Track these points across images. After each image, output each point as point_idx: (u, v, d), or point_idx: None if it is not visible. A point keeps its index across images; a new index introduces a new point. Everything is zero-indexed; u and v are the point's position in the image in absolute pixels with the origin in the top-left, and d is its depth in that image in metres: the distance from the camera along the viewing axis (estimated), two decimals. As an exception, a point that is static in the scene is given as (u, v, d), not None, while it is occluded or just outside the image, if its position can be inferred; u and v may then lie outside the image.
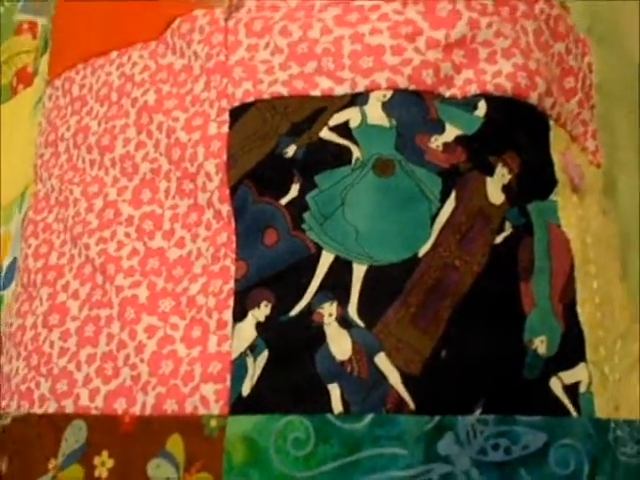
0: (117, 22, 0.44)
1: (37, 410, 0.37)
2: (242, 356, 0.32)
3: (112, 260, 0.37)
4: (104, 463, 0.34)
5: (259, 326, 0.32)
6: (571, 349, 0.32)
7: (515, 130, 0.35)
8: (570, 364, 0.32)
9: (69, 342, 0.38)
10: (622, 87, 0.44)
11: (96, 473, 0.34)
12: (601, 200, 0.41)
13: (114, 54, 0.43)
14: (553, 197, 0.35)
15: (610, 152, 0.42)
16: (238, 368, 0.31)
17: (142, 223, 0.38)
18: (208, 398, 0.32)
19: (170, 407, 0.32)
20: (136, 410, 0.34)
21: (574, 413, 0.31)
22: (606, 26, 0.44)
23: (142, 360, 0.34)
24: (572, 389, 0.31)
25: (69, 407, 0.36)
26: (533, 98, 0.35)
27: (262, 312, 0.32)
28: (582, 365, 0.32)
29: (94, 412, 0.35)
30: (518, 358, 0.31)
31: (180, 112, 0.39)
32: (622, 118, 0.44)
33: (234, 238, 0.34)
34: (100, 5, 0.45)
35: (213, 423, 0.31)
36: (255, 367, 0.31)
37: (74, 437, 0.35)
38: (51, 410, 0.36)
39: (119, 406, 0.34)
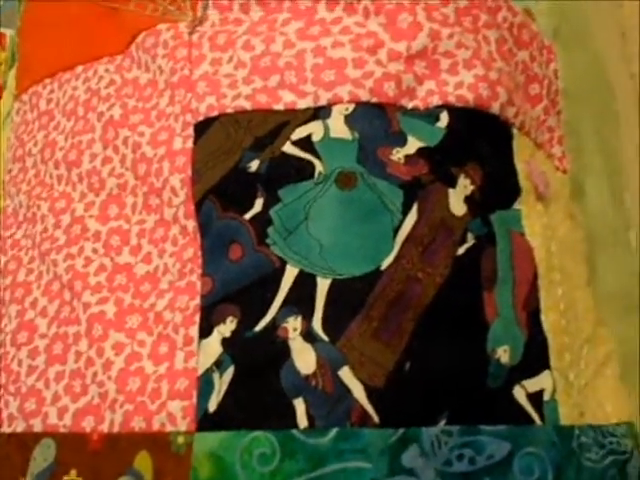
0: (83, 35, 0.44)
1: (5, 429, 0.37)
2: (208, 372, 0.32)
3: (79, 276, 0.37)
4: None
5: (225, 342, 0.32)
6: (535, 357, 0.33)
7: (477, 140, 0.35)
8: (534, 372, 0.32)
9: (37, 360, 0.37)
10: (589, 90, 0.44)
11: None
12: (568, 205, 0.41)
13: (80, 68, 0.43)
14: (517, 206, 0.36)
15: (577, 157, 0.43)
16: (204, 384, 0.31)
17: (109, 239, 0.38)
18: (175, 415, 0.32)
19: (138, 424, 0.32)
20: (104, 428, 0.33)
21: (538, 421, 0.31)
22: (573, 27, 0.44)
23: (109, 377, 0.34)
24: (536, 397, 0.32)
25: (37, 426, 0.36)
26: (495, 108, 0.35)
27: (228, 327, 0.32)
28: (546, 373, 0.32)
29: (62, 430, 0.35)
30: (481, 368, 0.31)
31: (146, 127, 0.39)
32: (588, 122, 0.44)
33: (200, 253, 0.34)
34: (65, 18, 0.45)
35: (180, 440, 0.31)
36: (221, 383, 0.31)
37: (42, 456, 0.35)
38: (19, 429, 0.36)
39: (87, 424, 0.34)
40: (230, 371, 0.31)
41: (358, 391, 0.30)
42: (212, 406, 0.31)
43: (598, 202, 0.44)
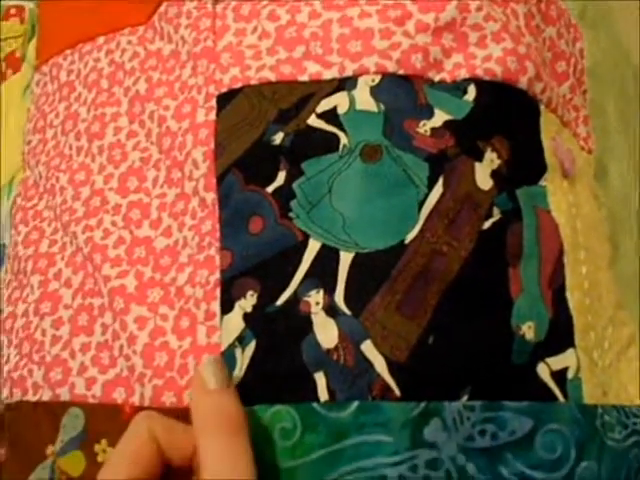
0: (104, 6, 0.44)
1: (30, 398, 0.37)
2: (231, 348, 0.32)
3: (98, 249, 0.37)
4: (105, 451, 0.34)
5: (246, 317, 0.32)
6: (560, 335, 0.32)
7: (505, 115, 0.35)
8: (558, 350, 0.32)
9: (62, 330, 0.37)
10: (613, 72, 0.44)
11: (99, 459, 0.34)
12: (592, 185, 0.41)
13: (101, 39, 0.43)
14: (543, 182, 0.35)
15: (601, 137, 0.42)
16: (228, 360, 0.31)
17: (129, 212, 0.38)
18: None
19: (168, 399, 0.32)
20: (135, 400, 0.34)
21: (561, 399, 0.31)
22: (598, 10, 0.44)
23: (135, 352, 0.34)
24: (560, 375, 0.31)
25: (64, 395, 0.36)
26: (523, 82, 0.35)
27: (249, 302, 0.32)
28: (571, 351, 0.32)
29: (92, 401, 0.35)
30: (505, 344, 0.31)
31: (170, 100, 0.38)
32: (612, 103, 0.43)
33: (218, 226, 0.34)
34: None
35: None
36: (243, 358, 0.31)
37: (71, 424, 0.35)
38: (45, 398, 0.36)
39: (118, 395, 0.34)
40: (252, 346, 0.31)
41: (380, 365, 0.29)
42: (235, 382, 0.31)
43: (620, 184, 0.44)
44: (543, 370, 0.31)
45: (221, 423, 0.28)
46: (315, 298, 0.31)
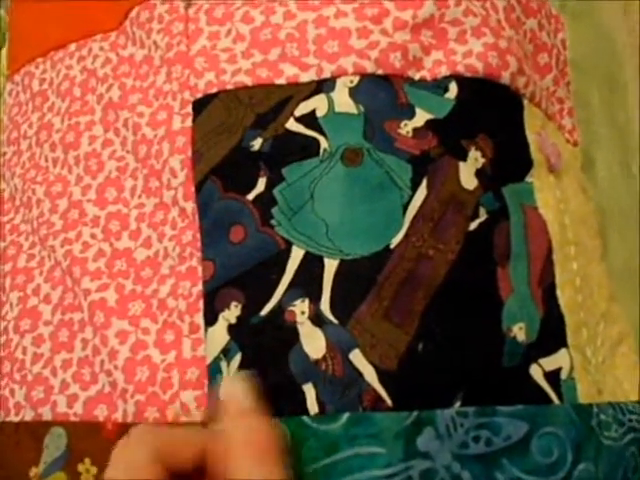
0: (75, 11, 0.43)
1: (13, 418, 0.36)
2: (216, 361, 0.31)
3: (78, 262, 0.36)
4: (88, 470, 0.33)
5: (231, 328, 0.31)
6: (551, 334, 0.32)
7: (488, 112, 0.34)
8: (550, 350, 0.31)
9: (43, 347, 0.37)
10: (596, 62, 0.43)
11: (82, 479, 0.33)
12: (580, 178, 0.40)
13: (73, 46, 0.42)
14: (529, 179, 0.34)
15: (586, 129, 0.42)
16: (213, 373, 0.31)
17: (108, 223, 0.37)
18: (188, 405, 0.31)
19: (151, 415, 0.32)
20: (118, 417, 0.33)
21: (556, 400, 0.30)
22: (579, 1, 0.43)
23: (116, 367, 0.33)
24: (553, 376, 0.31)
25: (47, 414, 0.35)
26: (505, 78, 0.34)
27: (233, 313, 0.31)
28: (563, 351, 0.31)
29: (73, 419, 0.34)
30: (497, 347, 0.30)
31: (144, 107, 0.37)
32: (596, 93, 0.43)
33: (199, 236, 0.33)
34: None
35: None
36: (229, 371, 0.30)
37: (54, 444, 0.34)
38: (28, 418, 0.36)
39: (100, 413, 0.34)
40: (237, 358, 0.30)
41: (370, 374, 0.29)
42: (222, 395, 0.30)
43: (607, 175, 0.43)
44: (536, 372, 0.30)
45: (261, 452, 0.26)
46: (300, 307, 0.30)
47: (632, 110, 0.45)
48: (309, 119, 0.33)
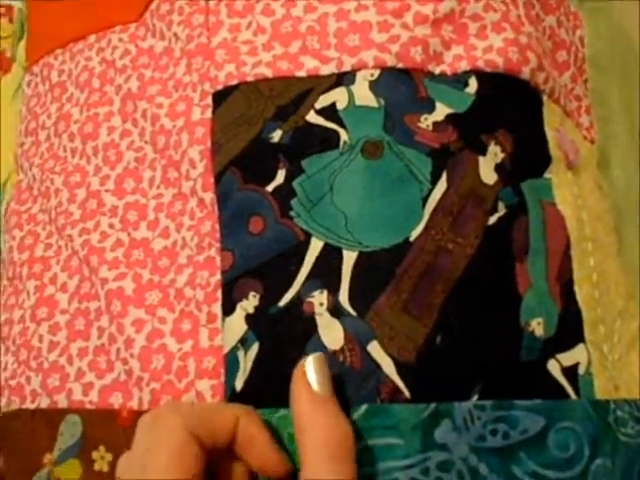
0: (94, 4, 0.43)
1: (29, 405, 0.37)
2: (233, 350, 0.31)
3: (95, 252, 0.36)
4: (103, 457, 0.33)
5: (249, 318, 0.31)
6: (569, 330, 0.32)
7: (507, 107, 0.34)
8: (568, 345, 0.31)
9: (59, 336, 0.37)
10: (614, 59, 0.43)
11: (96, 467, 0.33)
12: (596, 176, 0.40)
13: (92, 38, 0.42)
14: (547, 175, 0.34)
15: (603, 127, 0.42)
16: (230, 363, 0.31)
17: (126, 213, 0.37)
18: (204, 394, 0.31)
19: None
20: (133, 405, 0.33)
21: (573, 395, 0.30)
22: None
23: (132, 355, 0.33)
24: (571, 371, 0.31)
25: (62, 402, 0.35)
26: (525, 73, 0.34)
27: (251, 303, 0.31)
28: (581, 346, 0.31)
29: (89, 406, 0.35)
30: (515, 341, 0.30)
31: (163, 98, 0.37)
32: (614, 91, 0.43)
33: (218, 227, 0.33)
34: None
35: None
36: (246, 361, 0.30)
37: (69, 432, 0.35)
38: (43, 405, 0.36)
39: (115, 400, 0.34)
40: (255, 348, 0.30)
41: (388, 366, 0.29)
42: (239, 385, 0.30)
43: (623, 173, 0.43)
44: (554, 367, 0.30)
45: (334, 449, 0.26)
46: (319, 299, 0.30)
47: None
48: (329, 111, 0.33)
